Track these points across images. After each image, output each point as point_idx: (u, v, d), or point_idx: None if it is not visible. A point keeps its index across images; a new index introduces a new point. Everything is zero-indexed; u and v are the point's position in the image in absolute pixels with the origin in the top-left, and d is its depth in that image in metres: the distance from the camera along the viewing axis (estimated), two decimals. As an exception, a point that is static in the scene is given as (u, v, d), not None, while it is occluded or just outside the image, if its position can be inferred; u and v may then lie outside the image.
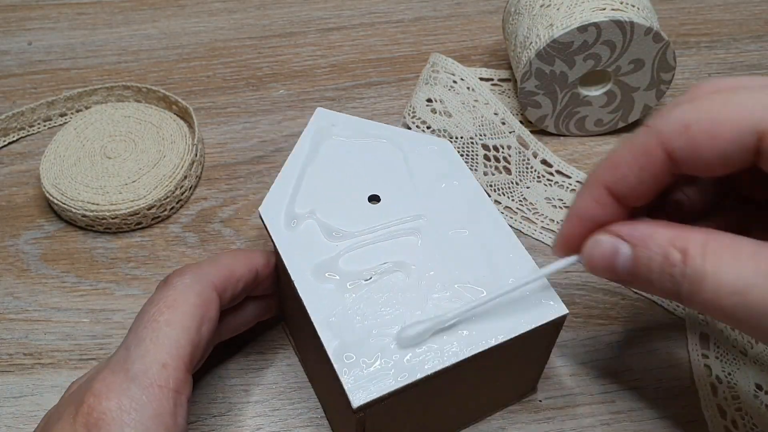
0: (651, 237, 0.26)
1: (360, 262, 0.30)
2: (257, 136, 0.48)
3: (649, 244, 0.26)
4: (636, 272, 0.26)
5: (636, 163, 0.26)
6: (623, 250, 0.26)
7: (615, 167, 0.27)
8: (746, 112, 0.24)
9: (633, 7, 0.42)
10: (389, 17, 0.57)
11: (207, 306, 0.29)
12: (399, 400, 0.28)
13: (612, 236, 0.27)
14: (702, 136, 0.25)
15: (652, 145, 0.26)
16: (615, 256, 0.27)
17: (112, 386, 0.26)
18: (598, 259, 0.27)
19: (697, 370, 0.36)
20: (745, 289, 0.23)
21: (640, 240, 0.26)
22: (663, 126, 0.26)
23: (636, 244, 0.26)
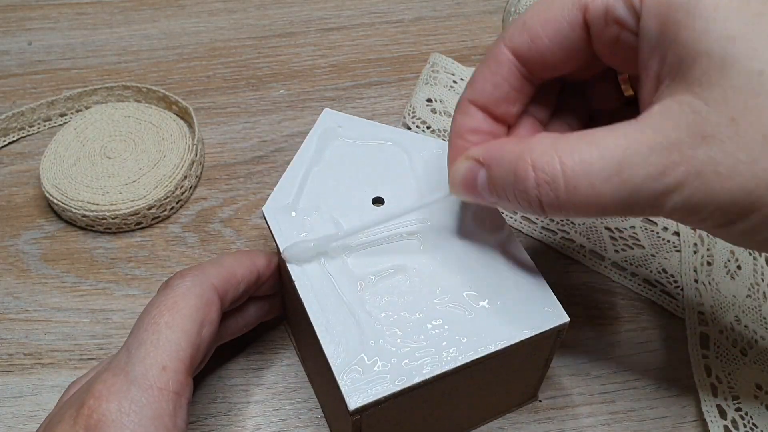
0: (501, 155, 0.26)
1: (362, 264, 0.30)
2: (257, 136, 0.48)
3: (500, 162, 0.26)
4: (494, 192, 0.27)
5: (488, 71, 0.28)
6: (480, 173, 0.27)
7: (473, 81, 0.29)
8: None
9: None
10: (389, 17, 0.57)
11: (208, 308, 0.29)
12: (396, 404, 0.28)
13: (468, 161, 0.28)
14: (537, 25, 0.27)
15: (500, 50, 0.28)
16: (474, 179, 0.27)
17: (113, 388, 0.26)
18: (460, 186, 0.28)
19: (697, 370, 0.36)
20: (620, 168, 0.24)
21: (491, 160, 0.27)
22: (506, 32, 0.28)
23: (489, 165, 0.27)
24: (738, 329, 0.38)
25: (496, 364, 0.30)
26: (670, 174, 0.23)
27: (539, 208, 0.26)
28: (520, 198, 0.26)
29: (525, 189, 0.25)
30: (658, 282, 0.41)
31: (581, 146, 0.24)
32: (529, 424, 0.35)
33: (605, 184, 0.24)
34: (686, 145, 0.23)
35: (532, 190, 0.25)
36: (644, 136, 0.24)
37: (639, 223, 0.43)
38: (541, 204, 0.25)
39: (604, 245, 0.42)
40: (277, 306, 0.37)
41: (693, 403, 0.36)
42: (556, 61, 0.28)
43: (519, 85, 0.29)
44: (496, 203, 0.28)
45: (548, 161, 0.25)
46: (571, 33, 0.27)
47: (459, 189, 0.29)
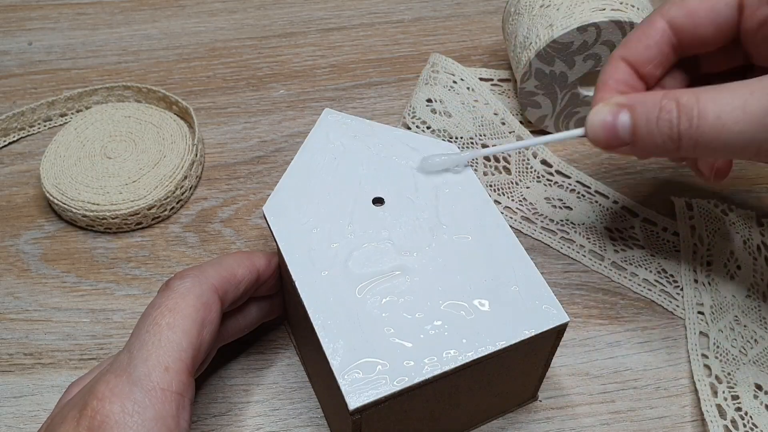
0: (644, 98, 0.31)
1: (362, 264, 0.30)
2: (257, 136, 0.48)
3: (645, 101, 0.30)
4: (636, 130, 0.30)
5: (643, 34, 0.33)
6: (622, 115, 0.31)
7: (627, 41, 0.34)
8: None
9: (633, 8, 0.42)
10: (389, 17, 0.57)
11: (208, 309, 0.29)
12: (396, 404, 0.28)
13: (610, 105, 0.31)
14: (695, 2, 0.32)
15: (656, 18, 0.33)
16: (615, 121, 0.31)
17: (116, 389, 0.26)
18: (599, 127, 0.31)
19: (697, 370, 0.36)
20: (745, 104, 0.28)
21: (636, 101, 0.31)
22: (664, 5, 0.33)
23: (633, 106, 0.31)
24: (738, 329, 0.38)
25: (496, 364, 0.30)
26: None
27: (677, 136, 0.29)
28: (662, 126, 0.30)
29: (669, 119, 0.29)
30: (658, 282, 0.41)
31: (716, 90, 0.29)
32: (529, 424, 0.35)
33: (730, 115, 0.28)
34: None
35: (674, 119, 0.29)
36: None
37: (639, 223, 0.43)
38: (679, 133, 0.29)
39: (604, 245, 0.42)
40: (277, 306, 0.37)
41: (693, 403, 0.36)
42: (706, 35, 0.32)
43: (666, 52, 0.33)
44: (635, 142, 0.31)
45: (688, 98, 0.29)
46: (725, 10, 0.32)
47: (597, 129, 0.31)
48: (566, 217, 0.43)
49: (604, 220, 0.43)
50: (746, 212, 0.43)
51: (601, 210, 0.44)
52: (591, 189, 0.45)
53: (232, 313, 0.34)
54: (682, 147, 0.30)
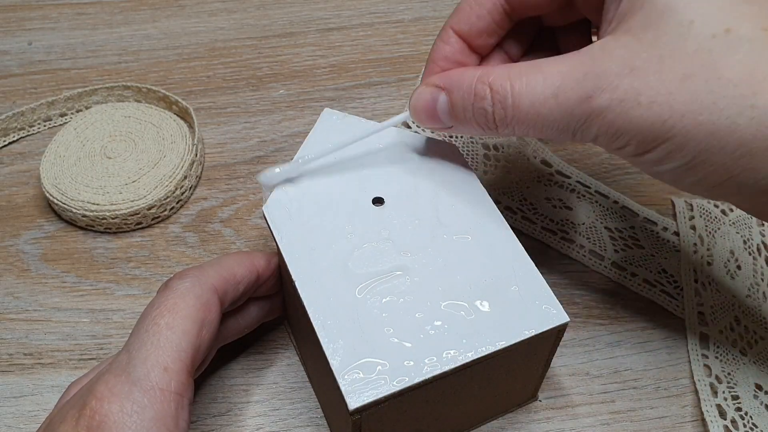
0: (460, 80, 0.30)
1: (362, 264, 0.30)
2: (257, 136, 0.48)
3: (461, 85, 0.30)
4: (454, 114, 0.30)
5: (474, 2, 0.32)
6: (441, 97, 0.30)
7: (458, 11, 0.32)
8: None
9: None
10: (389, 17, 0.57)
11: (207, 309, 0.29)
12: (396, 403, 0.28)
13: (429, 86, 0.31)
14: None
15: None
16: (434, 103, 0.31)
17: (115, 389, 0.26)
18: (421, 109, 0.31)
19: (697, 370, 0.36)
20: (557, 92, 0.27)
21: (452, 84, 0.30)
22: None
23: (450, 89, 0.30)
24: (738, 329, 0.38)
25: (496, 364, 0.30)
26: (597, 98, 0.26)
27: (493, 124, 0.29)
28: (478, 115, 0.29)
29: (483, 107, 0.29)
30: (658, 282, 0.41)
31: (529, 71, 0.28)
32: (529, 424, 0.35)
33: (544, 104, 0.27)
34: (614, 75, 0.26)
35: (489, 107, 0.29)
36: (581, 64, 0.27)
37: (639, 223, 0.43)
38: (495, 120, 0.29)
39: (604, 245, 0.42)
40: (277, 307, 0.37)
41: (693, 403, 0.36)
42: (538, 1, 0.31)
43: (499, 19, 0.32)
44: (453, 126, 0.31)
45: (502, 83, 0.28)
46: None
47: (419, 113, 0.31)
48: (566, 217, 0.43)
49: (604, 220, 0.43)
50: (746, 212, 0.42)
51: (601, 210, 0.44)
52: (591, 189, 0.45)
53: (232, 313, 0.34)
54: (500, 133, 0.29)
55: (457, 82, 0.30)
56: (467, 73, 0.30)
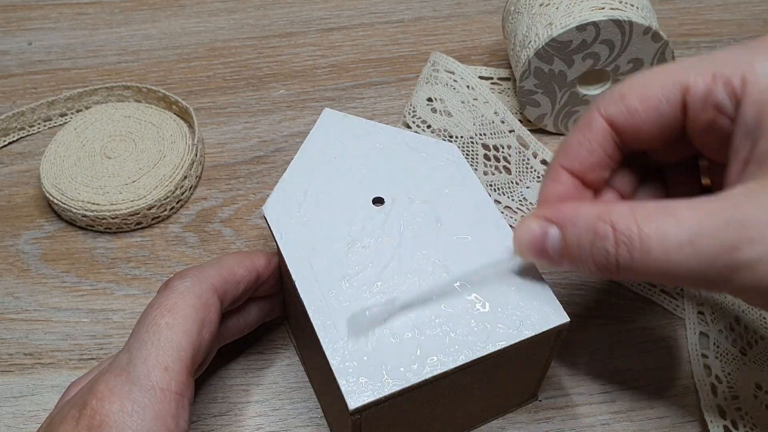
0: (577, 216, 0.27)
1: (362, 264, 0.30)
2: (257, 136, 0.48)
3: (577, 222, 0.27)
4: (567, 252, 0.27)
5: (583, 137, 0.29)
6: (552, 232, 0.28)
7: (566, 146, 0.30)
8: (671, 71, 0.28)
9: (632, 7, 0.42)
10: (389, 17, 0.57)
11: (207, 308, 0.29)
12: (395, 404, 0.28)
13: (539, 220, 0.28)
14: (634, 99, 0.28)
15: (594, 117, 0.29)
16: (544, 238, 0.28)
17: (115, 389, 0.26)
18: (527, 244, 0.28)
19: (697, 370, 0.36)
20: (694, 238, 0.24)
21: (566, 220, 0.27)
22: (602, 100, 0.29)
23: (563, 224, 0.27)
24: (738, 329, 0.38)
25: (496, 364, 0.30)
26: (745, 250, 0.24)
27: (615, 268, 0.26)
28: (597, 257, 0.26)
29: (604, 247, 0.26)
30: (658, 282, 0.40)
31: (658, 214, 0.25)
32: (529, 424, 0.35)
33: (678, 252, 0.24)
34: (764, 224, 0.23)
35: (611, 249, 0.26)
36: (722, 210, 0.24)
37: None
38: (617, 264, 0.26)
39: (604, 245, 0.42)
40: (278, 307, 0.37)
41: (693, 403, 0.36)
42: (649, 135, 0.29)
43: (611, 153, 0.30)
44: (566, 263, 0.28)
45: (626, 224, 0.25)
46: (668, 111, 0.28)
47: (526, 249, 0.28)
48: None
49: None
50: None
51: (601, 210, 0.44)
52: (591, 189, 0.45)
53: (232, 313, 0.34)
54: (620, 276, 0.26)
55: (571, 217, 0.27)
56: (583, 209, 0.27)
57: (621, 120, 0.29)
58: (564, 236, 0.27)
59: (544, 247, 0.28)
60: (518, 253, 0.29)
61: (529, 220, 0.28)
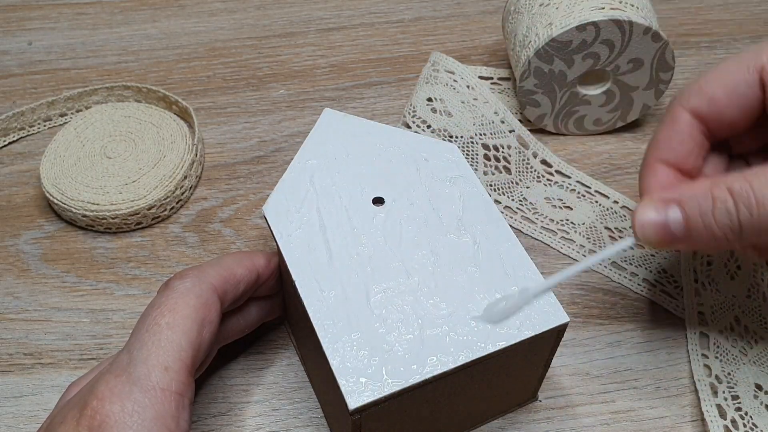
0: (692, 190, 0.29)
1: (362, 264, 0.30)
2: (257, 136, 0.48)
3: (693, 195, 0.29)
4: (690, 226, 0.29)
5: (671, 131, 0.32)
6: (671, 213, 0.29)
7: (657, 142, 0.32)
8: (745, 57, 0.30)
9: (632, 7, 0.42)
10: (389, 17, 0.57)
11: (207, 308, 0.29)
12: (395, 404, 0.28)
13: (654, 203, 0.30)
14: (714, 88, 0.31)
15: (678, 111, 0.32)
16: (666, 219, 0.29)
17: (115, 389, 0.26)
18: (652, 231, 0.29)
19: (697, 370, 0.36)
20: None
21: (683, 196, 0.29)
22: (681, 95, 0.32)
23: (681, 201, 0.29)
24: (738, 329, 0.38)
25: (496, 364, 0.30)
26: None
27: (738, 228, 0.28)
28: (720, 220, 0.28)
29: (726, 209, 0.28)
30: (658, 282, 0.41)
31: (764, 173, 0.27)
32: (529, 424, 0.35)
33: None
34: None
35: (732, 209, 0.27)
36: None
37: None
38: (740, 224, 0.27)
39: (604, 245, 0.42)
40: (278, 307, 0.37)
41: (693, 403, 0.36)
42: (732, 119, 0.31)
43: (700, 141, 0.32)
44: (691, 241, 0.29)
45: (740, 185, 0.27)
46: (747, 92, 0.30)
47: (653, 236, 0.30)
48: (566, 217, 0.43)
49: (604, 220, 0.43)
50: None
51: (601, 210, 0.44)
52: (591, 189, 0.45)
53: (232, 313, 0.34)
54: (744, 237, 0.28)
55: (688, 192, 0.29)
56: (696, 184, 0.29)
57: (704, 109, 0.31)
58: (684, 211, 0.29)
59: (669, 228, 0.29)
60: (643, 242, 0.30)
61: (644, 208, 0.30)
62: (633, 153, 0.47)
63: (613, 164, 0.46)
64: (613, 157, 0.47)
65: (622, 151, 0.47)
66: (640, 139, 0.48)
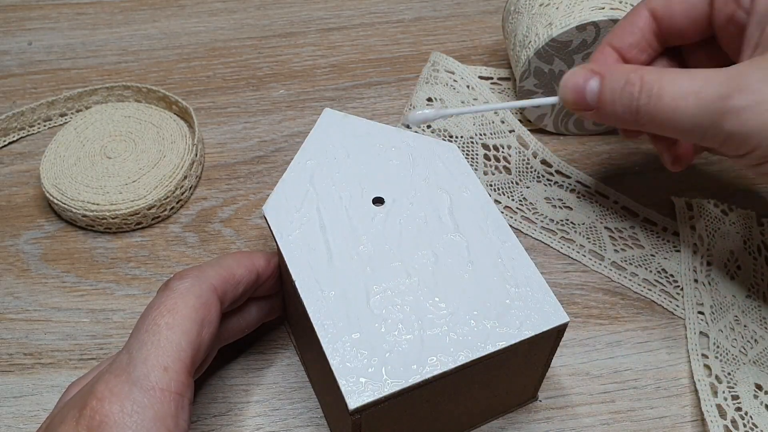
0: (616, 68, 0.33)
1: (362, 264, 0.30)
2: (257, 136, 0.48)
3: (614, 72, 0.32)
4: (601, 98, 0.33)
5: (627, 21, 0.36)
6: (592, 81, 0.33)
7: (615, 28, 0.37)
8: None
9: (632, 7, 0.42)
10: (389, 17, 0.57)
11: (207, 309, 0.29)
12: (395, 403, 0.28)
13: (584, 70, 0.33)
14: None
15: (640, 6, 0.36)
16: (585, 84, 0.33)
17: (115, 390, 0.26)
18: (571, 89, 0.33)
19: (697, 370, 0.36)
20: (698, 90, 0.30)
21: (606, 71, 0.33)
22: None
23: (604, 74, 0.33)
24: (738, 329, 0.38)
25: (496, 365, 0.30)
26: (735, 98, 0.29)
27: (635, 110, 0.32)
28: (624, 99, 0.32)
29: (631, 92, 0.31)
30: (658, 282, 0.41)
31: (680, 73, 0.31)
32: (529, 424, 0.35)
33: (684, 100, 0.30)
34: (757, 80, 0.29)
35: (635, 93, 0.31)
36: (727, 71, 0.30)
37: (639, 223, 0.43)
38: (638, 108, 0.31)
39: (603, 245, 0.42)
40: (277, 307, 0.37)
41: (693, 403, 0.36)
42: (682, 27, 0.35)
43: (649, 39, 0.36)
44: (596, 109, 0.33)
45: (652, 77, 0.31)
46: (699, 3, 0.34)
47: (570, 93, 0.33)
48: (566, 217, 0.43)
49: (604, 220, 0.43)
50: (746, 212, 0.43)
51: (601, 210, 0.44)
52: (591, 189, 0.45)
53: (232, 313, 0.34)
54: (639, 120, 0.32)
55: (613, 69, 0.33)
56: (623, 65, 0.33)
57: (660, 10, 0.35)
58: (602, 83, 0.32)
59: (584, 93, 0.33)
60: (561, 98, 0.34)
61: (575, 70, 0.34)
62: (633, 153, 0.47)
63: (613, 164, 0.46)
64: (613, 157, 0.47)
65: (622, 151, 0.47)
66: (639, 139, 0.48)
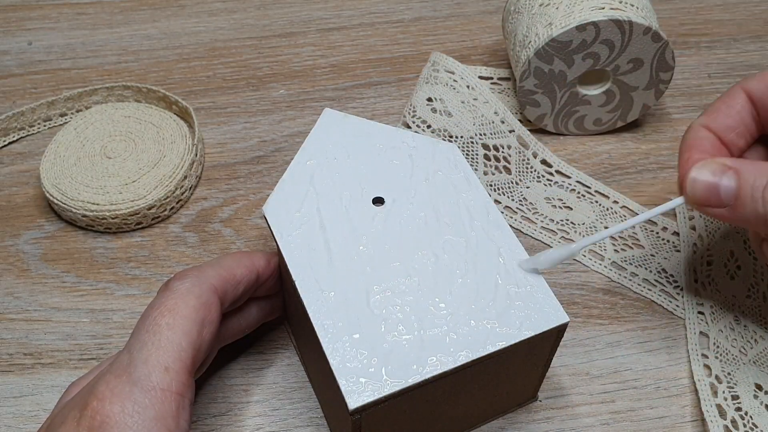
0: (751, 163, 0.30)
1: (362, 264, 0.30)
2: (257, 136, 0.48)
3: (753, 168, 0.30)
4: (740, 195, 0.30)
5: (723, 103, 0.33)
6: (726, 177, 0.30)
7: (708, 110, 0.34)
8: None
9: (632, 7, 0.42)
10: (389, 17, 0.57)
11: (207, 309, 0.29)
12: (395, 403, 0.28)
13: (714, 166, 0.31)
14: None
15: (736, 89, 0.33)
16: (719, 182, 0.30)
17: (116, 390, 0.26)
18: (702, 185, 0.31)
19: (697, 370, 0.36)
20: None
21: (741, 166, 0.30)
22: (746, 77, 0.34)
23: (738, 169, 0.30)
24: (738, 329, 0.38)
25: (496, 364, 0.30)
26: None
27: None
28: None
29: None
30: (658, 282, 0.41)
31: None
32: (529, 424, 0.35)
33: None
34: None
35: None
36: None
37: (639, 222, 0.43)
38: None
39: (604, 245, 0.42)
40: (278, 307, 0.37)
41: (693, 403, 0.36)
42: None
43: (748, 123, 0.33)
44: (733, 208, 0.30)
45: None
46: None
47: (701, 193, 0.31)
48: (566, 217, 0.43)
49: (604, 220, 0.43)
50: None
51: (601, 210, 0.44)
52: (591, 189, 0.45)
53: (232, 313, 0.34)
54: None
55: (748, 164, 0.30)
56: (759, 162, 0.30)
57: (759, 93, 0.33)
58: (739, 180, 0.30)
59: (718, 191, 0.30)
60: (690, 199, 0.31)
61: (701, 166, 0.31)
62: (633, 153, 0.47)
63: (613, 164, 0.46)
64: (613, 157, 0.47)
65: (622, 151, 0.47)
66: (640, 139, 0.48)
